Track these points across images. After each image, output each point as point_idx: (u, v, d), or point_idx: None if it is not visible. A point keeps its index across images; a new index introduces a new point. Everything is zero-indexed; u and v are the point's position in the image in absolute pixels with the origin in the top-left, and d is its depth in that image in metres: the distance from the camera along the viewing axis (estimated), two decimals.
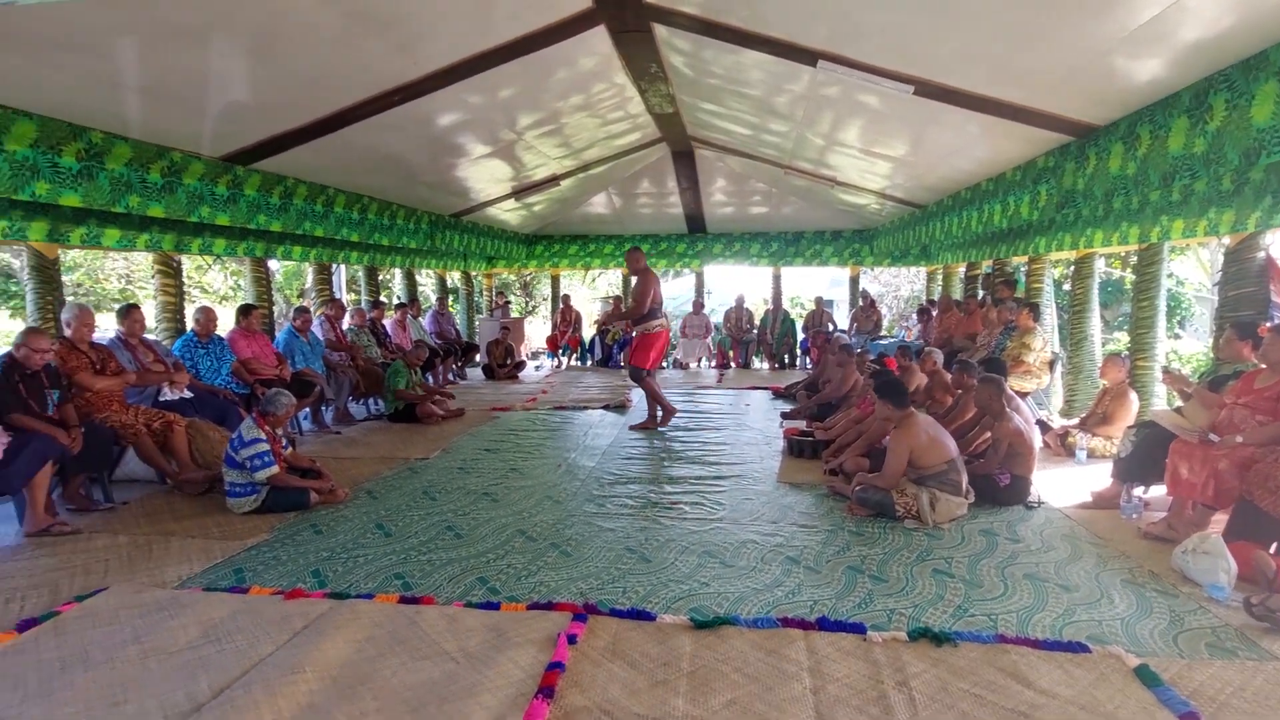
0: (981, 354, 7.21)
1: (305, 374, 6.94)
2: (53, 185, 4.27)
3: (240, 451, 4.50)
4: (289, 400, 4.76)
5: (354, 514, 4.55)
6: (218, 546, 4.00)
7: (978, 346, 7.60)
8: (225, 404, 5.75)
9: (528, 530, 4.21)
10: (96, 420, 4.78)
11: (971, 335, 8.10)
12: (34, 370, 4.42)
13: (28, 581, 3.57)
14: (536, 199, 10.29)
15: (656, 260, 13.00)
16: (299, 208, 6.59)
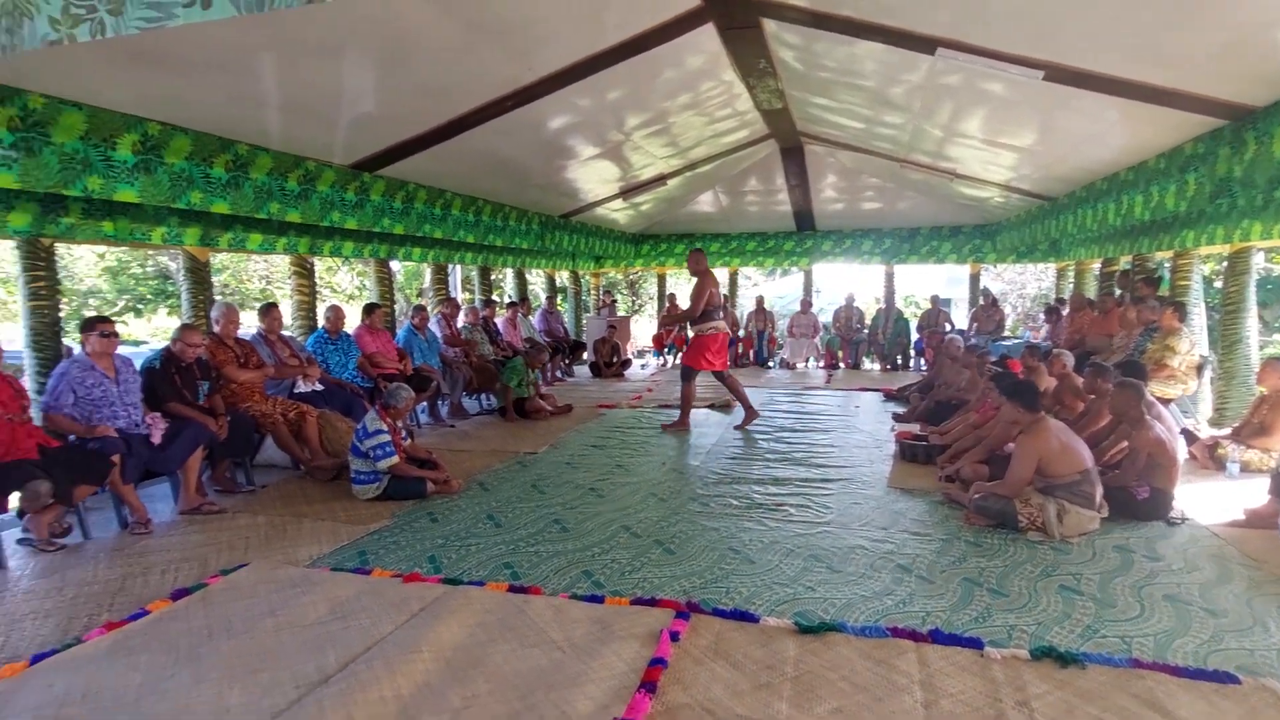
0: (1118, 356, 6.74)
1: (423, 369, 7.29)
2: (205, 194, 4.68)
3: (364, 441, 4.79)
4: (409, 394, 5.03)
5: (467, 504, 4.74)
6: (344, 530, 4.28)
7: (1114, 349, 7.12)
8: (351, 396, 6.13)
9: (632, 526, 4.27)
10: (240, 410, 5.21)
11: (1108, 336, 7.59)
12: (188, 363, 4.86)
13: (180, 555, 3.94)
14: (644, 198, 10.38)
15: (763, 259, 12.85)
16: (419, 211, 6.93)
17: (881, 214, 11.64)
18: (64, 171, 3.78)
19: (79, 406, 4.28)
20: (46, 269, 4.89)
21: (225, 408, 5.09)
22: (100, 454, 4.11)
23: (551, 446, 6.36)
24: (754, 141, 8.99)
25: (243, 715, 2.50)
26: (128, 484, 4.31)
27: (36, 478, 3.80)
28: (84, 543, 4.17)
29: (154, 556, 3.92)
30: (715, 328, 6.78)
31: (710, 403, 8.29)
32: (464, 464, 5.71)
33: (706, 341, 6.80)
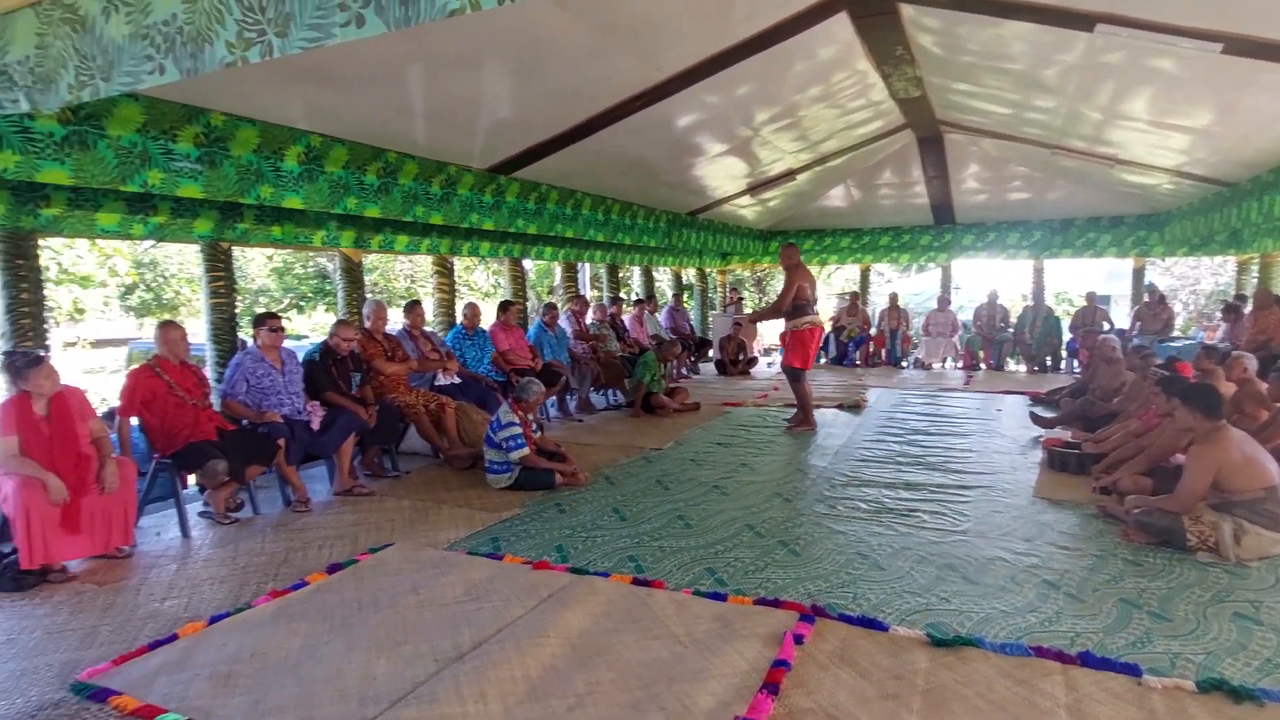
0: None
1: (553, 365, 7.54)
2: (359, 200, 5.06)
3: (498, 433, 5.02)
4: (539, 388, 5.22)
5: (593, 497, 4.87)
6: (479, 516, 4.50)
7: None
8: (486, 390, 6.43)
9: (756, 526, 4.24)
10: (387, 400, 5.58)
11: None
12: (342, 356, 5.27)
13: (334, 532, 4.28)
14: (772, 194, 10.25)
15: (898, 255, 12.38)
16: (551, 211, 7.17)
17: (1029, 205, 10.91)
18: (240, 181, 4.20)
19: (251, 394, 4.74)
20: (225, 270, 5.45)
21: (374, 398, 5.47)
22: (268, 437, 4.54)
23: (676, 443, 6.42)
24: (889, 132, 8.67)
25: (388, 683, 2.70)
26: (291, 465, 4.74)
27: (215, 457, 4.25)
28: (254, 517, 4.61)
29: (312, 533, 4.28)
30: (810, 322, 6.70)
31: (839, 402, 8.12)
32: (590, 457, 5.85)
33: (803, 337, 6.71)
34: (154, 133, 3.73)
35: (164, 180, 3.81)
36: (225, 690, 2.67)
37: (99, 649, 2.99)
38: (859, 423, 7.17)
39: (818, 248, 12.93)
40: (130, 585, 3.59)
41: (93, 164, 3.53)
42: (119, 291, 17.46)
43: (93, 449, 3.81)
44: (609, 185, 7.76)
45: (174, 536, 4.27)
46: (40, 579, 3.57)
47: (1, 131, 3.27)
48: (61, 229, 4.37)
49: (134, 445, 4.34)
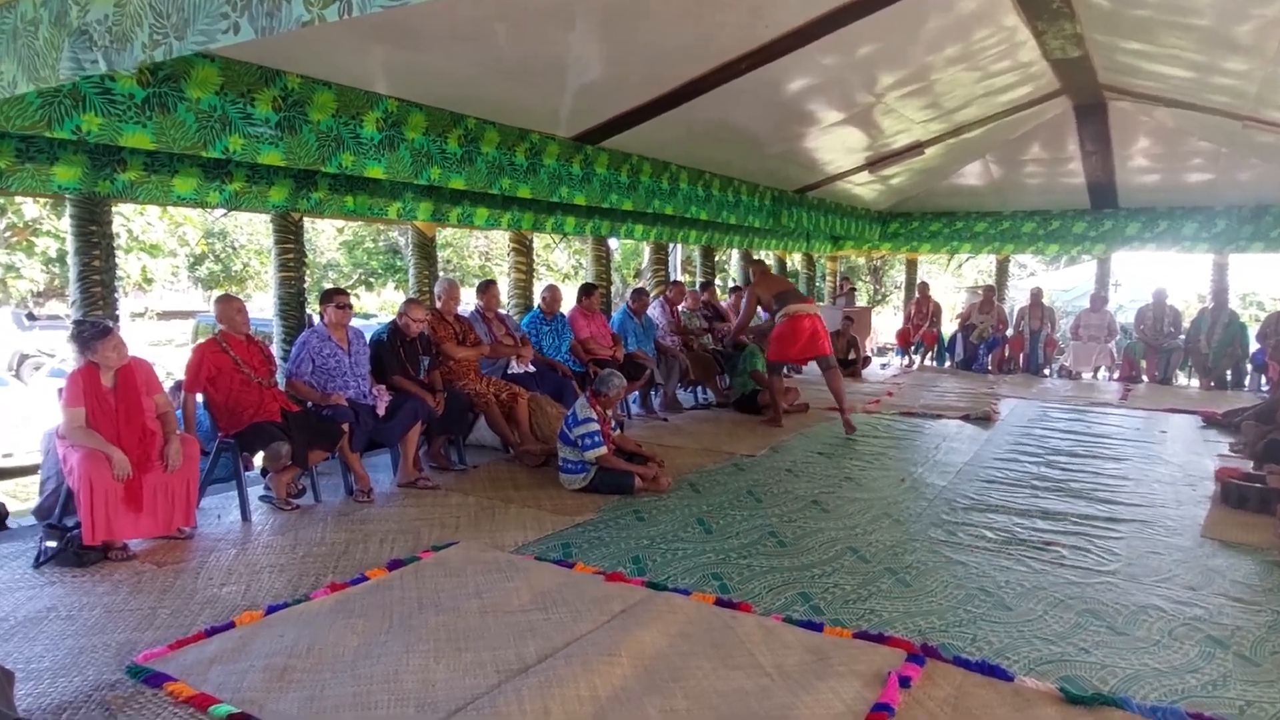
0: None
1: (637, 356, 7.61)
2: (443, 170, 5.24)
3: (574, 429, 5.11)
4: (620, 382, 5.28)
5: (676, 505, 4.91)
6: (549, 519, 4.61)
7: None
8: (562, 380, 6.55)
9: (860, 549, 4.20)
10: (456, 387, 5.77)
11: None
12: (411, 338, 5.47)
13: (397, 527, 4.47)
14: (895, 170, 10.02)
15: (1044, 244, 11.90)
16: (646, 185, 7.22)
17: (1212, 188, 10.25)
18: (321, 149, 4.43)
19: (316, 375, 5.00)
20: (295, 242, 5.75)
21: (443, 384, 5.66)
22: (333, 421, 4.78)
23: (772, 450, 6.41)
24: (1040, 99, 8.32)
25: (446, 690, 2.81)
26: (355, 452, 4.97)
27: (279, 439, 4.51)
28: (315, 505, 4.87)
29: (373, 525, 4.49)
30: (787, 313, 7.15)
31: (964, 413, 7.93)
32: (674, 461, 5.90)
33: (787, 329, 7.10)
34: (232, 96, 3.98)
35: (244, 146, 4.06)
36: (280, 684, 2.85)
37: (156, 631, 3.23)
38: (987, 437, 7.01)
39: (946, 233, 12.59)
40: (190, 568, 3.86)
41: (173, 127, 3.79)
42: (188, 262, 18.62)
43: (157, 424, 4.10)
44: (706, 158, 7.75)
45: (234, 520, 4.56)
46: (102, 556, 3.88)
47: (84, 93, 3.55)
48: (138, 195, 4.71)
49: (198, 423, 4.65)
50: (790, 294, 7.32)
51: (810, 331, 7.01)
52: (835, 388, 7.10)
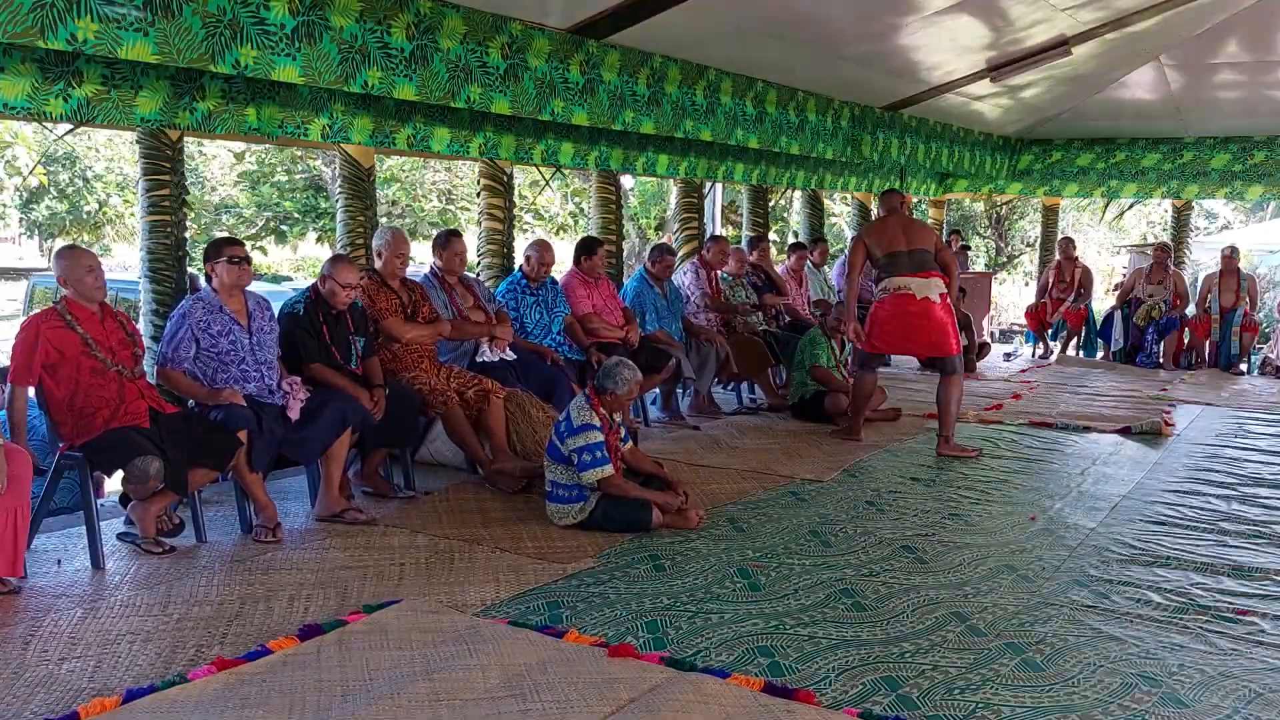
0: None
1: (658, 340, 7.55)
2: (384, 72, 5.18)
3: (567, 440, 5.06)
4: (633, 375, 5.22)
5: (710, 549, 4.86)
6: (531, 567, 4.56)
7: None
8: (554, 372, 6.52)
9: (970, 616, 4.15)
10: (402, 381, 5.73)
11: None
12: (339, 310, 5.43)
13: (314, 577, 4.43)
14: (1028, 79, 9.92)
15: (1245, 185, 11.74)
16: (673, 99, 7.15)
17: None
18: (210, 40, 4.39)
19: (201, 362, 4.96)
20: (173, 173, 5.71)
21: (384, 377, 5.62)
22: (224, 428, 4.74)
23: (846, 472, 6.39)
24: None
25: None
26: (256, 473, 4.94)
27: (146, 453, 4.47)
28: (197, 546, 4.84)
29: (281, 575, 4.45)
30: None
31: (1124, 424, 7.93)
32: (709, 486, 5.87)
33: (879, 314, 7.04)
34: None
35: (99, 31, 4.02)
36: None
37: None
38: (1156, 460, 6.97)
39: (1101, 168, 12.50)
40: (15, 635, 3.82)
41: None
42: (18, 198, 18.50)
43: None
44: (759, 60, 7.68)
45: (81, 567, 4.52)
46: None
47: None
48: None
49: (30, 429, 4.60)
50: (903, 259, 7.03)
51: (918, 319, 6.90)
52: (944, 398, 7.00)
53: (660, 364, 7.26)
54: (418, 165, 20.25)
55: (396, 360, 5.84)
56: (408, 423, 5.70)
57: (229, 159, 20.56)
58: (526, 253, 7.06)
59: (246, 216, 20.71)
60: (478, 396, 5.89)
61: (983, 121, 11.57)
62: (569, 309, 7.17)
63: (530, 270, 6.99)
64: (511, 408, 6.02)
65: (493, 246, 7.83)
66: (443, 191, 21.07)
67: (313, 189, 20.73)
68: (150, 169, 5.68)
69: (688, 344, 7.95)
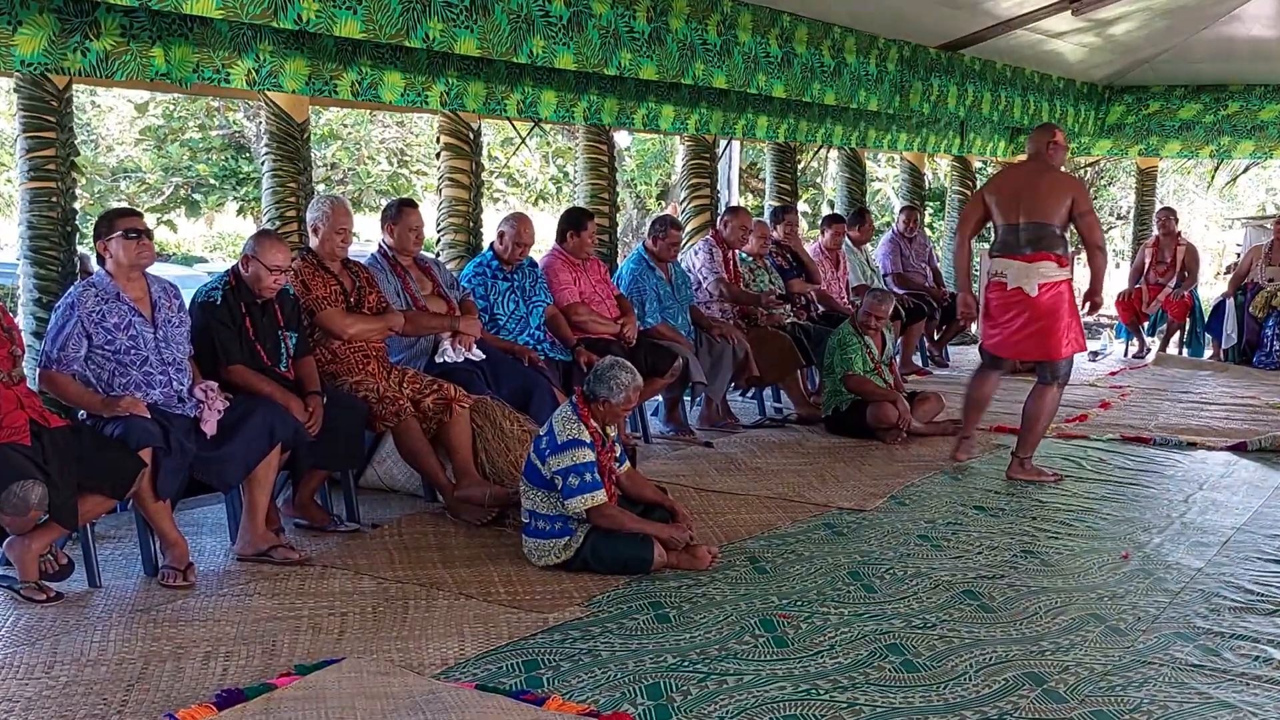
0: None
1: (661, 335, 7.53)
2: (323, 4, 5.16)
3: (550, 460, 5.04)
4: (631, 380, 5.20)
5: (725, 593, 4.86)
6: (504, 618, 4.55)
7: None
8: (533, 375, 6.49)
9: (1048, 678, 4.15)
10: (344, 387, 5.71)
11: None
12: (265, 299, 5.42)
13: (235, 630, 4.41)
14: (1119, 10, 9.94)
15: None
16: (680, 36, 7.13)
17: None
18: None
19: (94, 362, 4.94)
20: (59, 129, 5.69)
21: (320, 382, 5.61)
22: (123, 445, 4.72)
23: (894, 500, 6.40)
24: None
25: None
26: (163, 500, 4.91)
27: (26, 476, 4.45)
28: (90, 592, 4.81)
29: (194, 628, 4.42)
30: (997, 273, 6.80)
31: (1239, 440, 7.94)
32: (724, 517, 5.87)
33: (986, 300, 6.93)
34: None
35: None
36: None
37: None
38: (1278, 484, 6.94)
39: (1209, 122, 12.52)
40: None
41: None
42: None
43: None
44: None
45: None
46: None
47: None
48: None
49: None
50: (1012, 235, 6.84)
51: (1015, 315, 6.82)
52: (1033, 411, 6.94)
53: (664, 365, 7.25)
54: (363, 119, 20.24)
55: (337, 361, 5.82)
56: (350, 439, 5.68)
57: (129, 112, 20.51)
58: (499, 228, 7.04)
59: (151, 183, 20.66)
60: (438, 406, 5.87)
61: (1063, 65, 11.58)
62: (551, 297, 7.15)
63: (503, 250, 6.97)
64: (479, 419, 6.01)
65: (456, 220, 7.81)
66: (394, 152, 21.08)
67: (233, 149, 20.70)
68: (30, 124, 5.65)
69: (697, 340, 7.94)
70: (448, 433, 5.87)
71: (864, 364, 7.93)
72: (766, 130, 9.86)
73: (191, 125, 20.46)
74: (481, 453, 5.96)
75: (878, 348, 8.13)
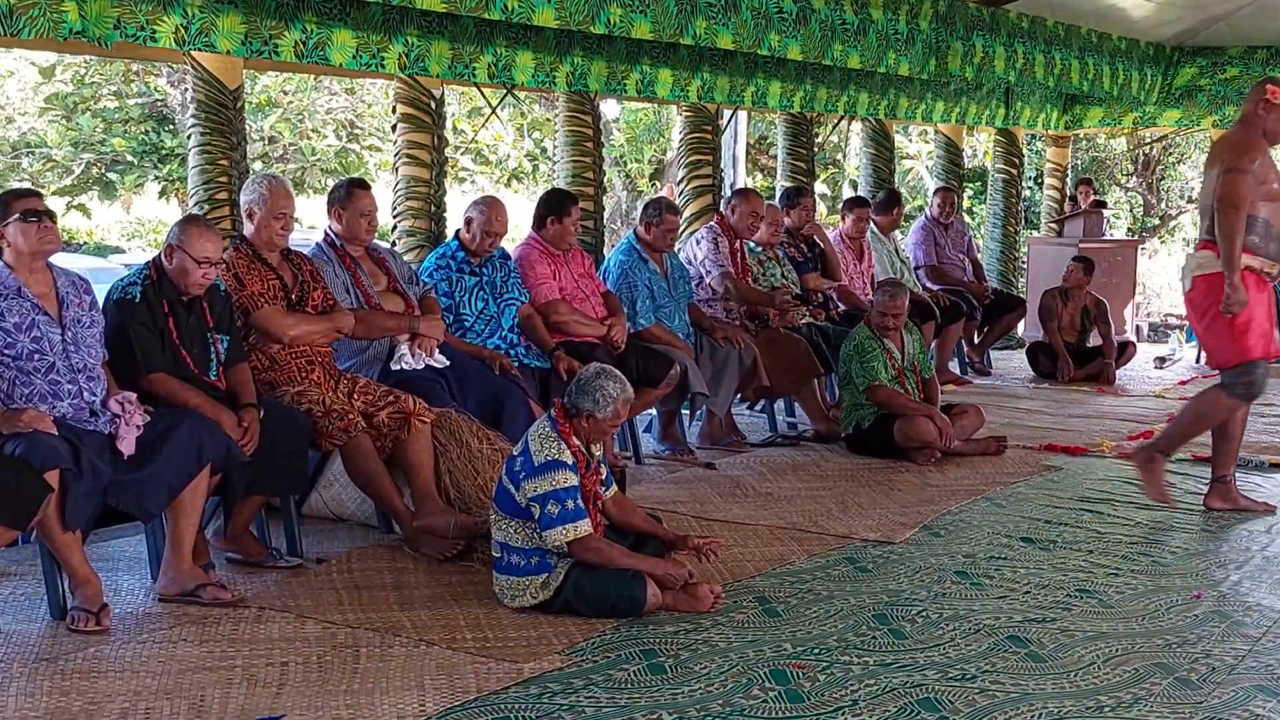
0: None
1: (655, 339, 7.54)
2: None
3: (525, 484, 5.04)
4: (620, 391, 5.20)
5: (730, 640, 4.88)
6: (471, 669, 4.55)
7: None
8: (505, 385, 6.50)
9: None
10: (285, 399, 5.72)
11: None
12: (192, 297, 5.43)
13: (158, 684, 4.39)
14: None
15: None
16: None
17: None
18: None
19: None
20: None
21: (258, 393, 5.61)
22: (25, 466, 4.72)
23: (927, 530, 6.43)
24: None
25: None
26: (72, 531, 4.91)
27: None
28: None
29: (109, 680, 4.41)
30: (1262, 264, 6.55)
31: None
32: (730, 551, 5.85)
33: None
34: None
35: None
36: None
37: None
38: None
39: None
40: None
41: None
42: None
43: None
44: None
45: None
46: None
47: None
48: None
49: None
50: None
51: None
52: (1229, 433, 6.81)
53: (658, 373, 7.27)
54: (307, 86, 20.23)
55: (276, 368, 5.83)
56: (292, 459, 5.68)
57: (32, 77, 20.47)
58: (467, 214, 7.05)
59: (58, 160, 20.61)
60: (394, 421, 5.88)
61: (1124, 22, 11.63)
62: (526, 294, 7.16)
63: (471, 239, 6.99)
64: (443, 437, 6.01)
65: (415, 203, 7.83)
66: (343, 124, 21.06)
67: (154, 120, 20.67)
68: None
69: (698, 344, 7.96)
70: (406, 452, 5.87)
71: (888, 372, 7.94)
72: (780, 99, 9.87)
73: (106, 92, 20.38)
74: (445, 475, 5.96)
75: (898, 350, 8.13)
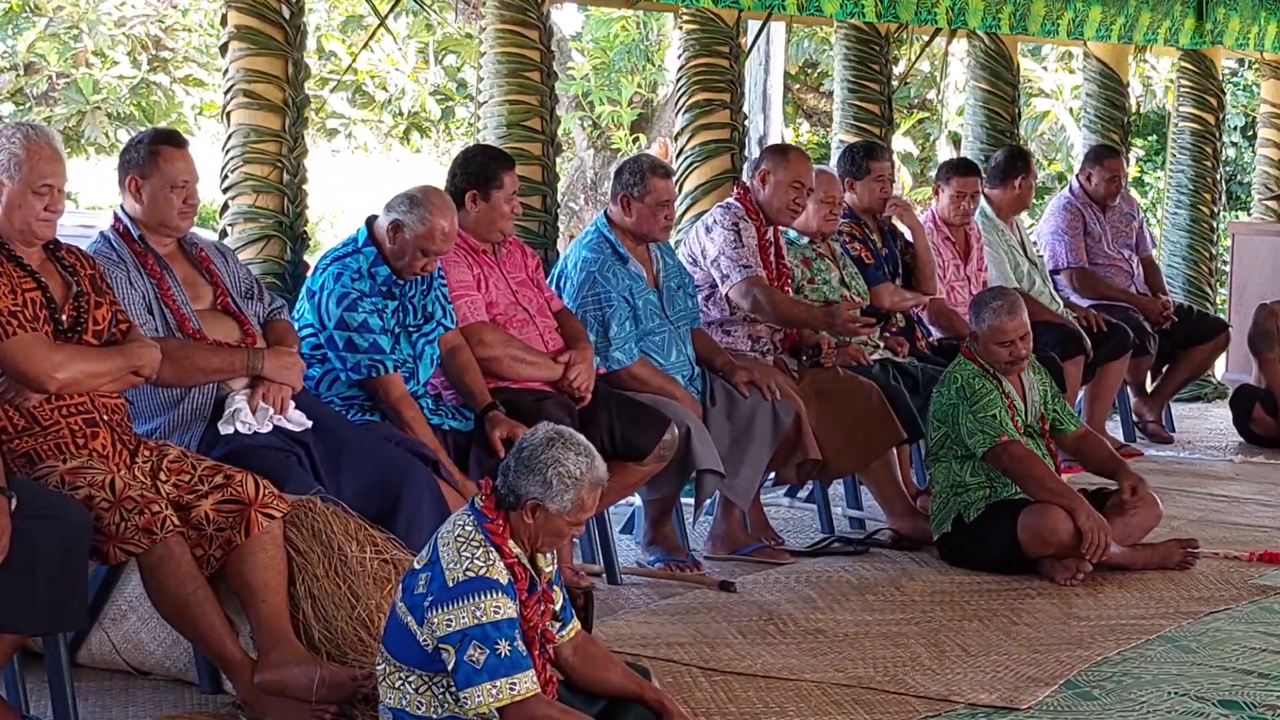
0: None
1: (638, 383, 7.58)
2: None
3: (434, 616, 5.06)
4: (584, 467, 5.22)
5: None
6: None
7: None
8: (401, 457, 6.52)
9: None
10: (49, 480, 5.73)
11: None
12: None
13: None
14: None
15: None
16: None
17: None
18: None
19: None
20: None
21: (7, 471, 5.61)
22: None
23: (1071, 688, 6.42)
24: None
25: None
26: None
27: None
28: None
29: None
30: None
31: None
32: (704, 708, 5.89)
33: None
34: None
35: None
36: None
37: None
38: None
39: None
40: None
41: None
42: None
43: None
44: None
45: None
46: None
47: None
48: None
49: None
50: None
51: None
52: None
53: (645, 441, 7.30)
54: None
55: (36, 433, 5.85)
56: (61, 577, 5.68)
57: None
58: (396, 214, 6.93)
59: None
60: (224, 516, 5.89)
61: None
62: (454, 318, 7.18)
63: (396, 253, 6.91)
64: (302, 541, 6.01)
65: (259, 168, 7.85)
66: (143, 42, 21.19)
67: None
68: None
69: (707, 393, 7.99)
70: (243, 565, 5.86)
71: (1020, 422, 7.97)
72: (841, 3, 9.90)
73: None
74: (305, 601, 5.96)
75: (1019, 397, 8.16)
